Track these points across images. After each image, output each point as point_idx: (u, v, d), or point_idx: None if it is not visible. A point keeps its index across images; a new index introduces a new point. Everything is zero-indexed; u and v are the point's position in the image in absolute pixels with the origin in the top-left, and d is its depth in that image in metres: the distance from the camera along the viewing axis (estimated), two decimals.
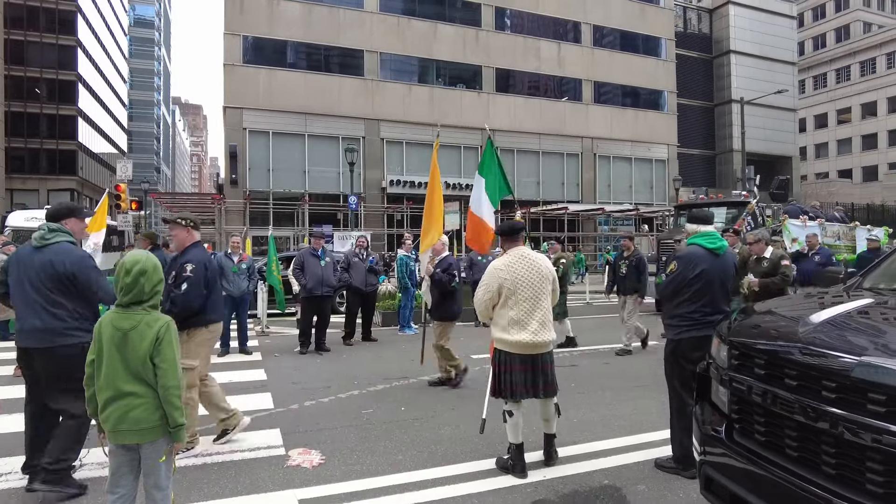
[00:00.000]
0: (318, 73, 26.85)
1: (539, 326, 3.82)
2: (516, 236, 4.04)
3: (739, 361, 2.55)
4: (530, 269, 3.88)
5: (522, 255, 3.94)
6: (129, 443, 2.54)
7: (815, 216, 13.86)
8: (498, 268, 3.91)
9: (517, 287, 3.83)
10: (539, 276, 3.89)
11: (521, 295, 3.82)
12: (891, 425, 1.90)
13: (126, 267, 2.53)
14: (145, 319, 2.54)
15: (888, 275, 3.19)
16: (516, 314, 3.81)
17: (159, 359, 2.50)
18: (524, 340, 3.79)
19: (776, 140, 40.94)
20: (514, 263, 3.89)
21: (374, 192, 27.19)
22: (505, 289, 3.84)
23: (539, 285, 3.87)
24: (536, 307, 3.84)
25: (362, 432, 4.74)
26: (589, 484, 3.69)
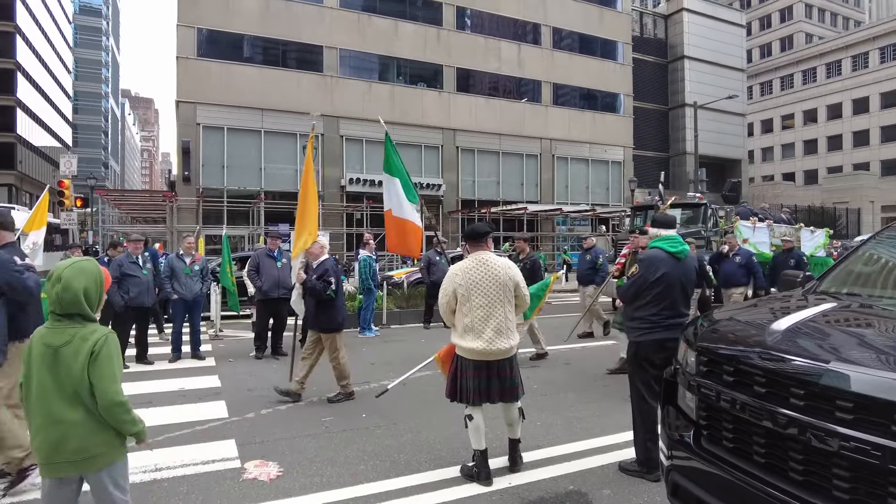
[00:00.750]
0: (275, 69, 26.23)
1: (494, 334, 3.71)
2: (480, 240, 3.91)
3: (708, 368, 2.54)
4: (486, 276, 3.76)
5: (482, 260, 3.82)
6: (66, 475, 2.23)
7: (763, 218, 14.37)
8: (455, 272, 3.85)
9: (471, 293, 3.74)
10: (495, 282, 3.75)
11: (474, 301, 3.73)
12: (857, 432, 1.90)
13: (57, 274, 2.22)
14: (80, 333, 2.22)
15: (843, 278, 3.26)
16: (470, 321, 3.73)
17: (96, 376, 2.18)
18: (478, 348, 3.71)
19: (726, 143, 42.38)
20: (471, 269, 3.79)
21: (332, 190, 26.76)
22: (459, 294, 3.77)
23: (494, 292, 3.75)
24: (491, 314, 3.72)
25: (322, 441, 4.58)
26: (555, 490, 3.65)
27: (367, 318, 9.99)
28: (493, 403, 3.85)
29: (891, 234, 3.52)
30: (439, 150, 29.36)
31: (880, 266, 3.32)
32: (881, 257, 3.38)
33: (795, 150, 59.99)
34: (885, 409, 1.85)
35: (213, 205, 24.73)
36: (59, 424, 2.18)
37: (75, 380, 2.19)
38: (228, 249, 10.29)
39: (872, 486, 1.89)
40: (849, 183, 50.09)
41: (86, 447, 2.20)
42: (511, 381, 3.85)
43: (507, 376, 3.83)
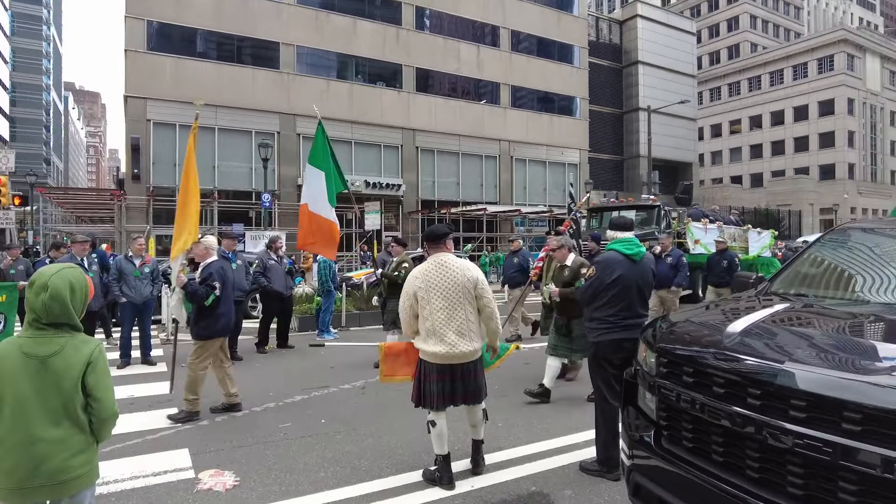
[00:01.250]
0: (230, 65, 25.55)
1: (457, 337, 3.67)
2: (439, 242, 3.87)
3: (668, 369, 2.58)
4: (445, 278, 3.72)
5: (440, 262, 3.78)
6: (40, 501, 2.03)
7: (714, 219, 14.88)
8: (415, 276, 3.82)
9: (431, 296, 3.70)
10: (454, 284, 3.71)
11: (435, 304, 3.69)
12: (810, 430, 1.97)
13: (43, 282, 2.05)
14: (71, 343, 2.06)
15: (791, 280, 3.39)
16: (431, 324, 3.69)
17: (99, 388, 2.06)
18: (441, 352, 3.67)
19: (678, 147, 43.74)
20: (430, 271, 3.75)
21: (289, 189, 26.24)
22: (420, 297, 3.73)
23: (454, 294, 3.70)
24: (452, 317, 3.68)
25: (280, 448, 4.47)
26: (517, 492, 3.66)
27: (327, 321, 9.82)
28: (456, 406, 3.84)
29: (832, 238, 3.68)
30: (399, 149, 29.21)
31: (824, 268, 3.47)
32: (825, 259, 3.53)
33: (742, 155, 62.47)
34: (835, 407, 1.92)
35: (165, 204, 23.87)
36: (38, 443, 1.98)
37: (66, 392, 2.03)
38: None
39: (824, 482, 1.96)
40: (790, 186, 52.53)
41: (67, 467, 2.02)
42: (475, 383, 3.83)
43: (471, 379, 3.81)
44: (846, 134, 54.97)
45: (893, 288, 2.95)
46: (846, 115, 54.91)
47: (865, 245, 3.46)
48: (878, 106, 58.67)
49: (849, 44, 55.53)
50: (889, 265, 3.16)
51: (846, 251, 3.49)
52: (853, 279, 3.23)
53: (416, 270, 3.85)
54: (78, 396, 2.03)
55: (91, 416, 2.08)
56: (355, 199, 26.10)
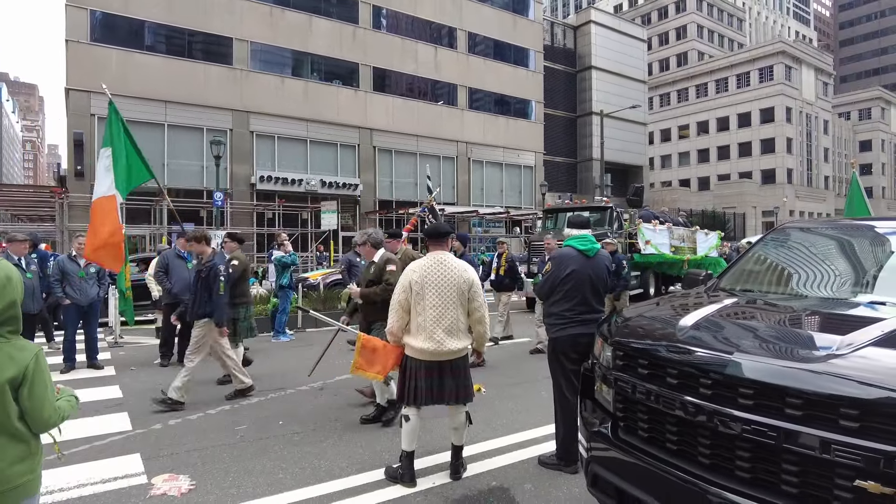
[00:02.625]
0: (181, 59, 24.76)
1: (445, 335, 3.70)
2: (441, 240, 3.90)
3: (624, 362, 2.67)
4: (442, 276, 3.75)
5: (440, 260, 3.80)
6: None
7: (664, 221, 15.38)
8: (412, 269, 3.81)
9: (425, 291, 3.72)
10: (451, 283, 3.74)
11: (428, 301, 3.71)
12: (756, 416, 2.08)
13: None
14: (4, 349, 1.87)
15: (738, 277, 3.56)
16: (423, 320, 3.71)
17: (29, 403, 1.88)
18: (429, 349, 3.69)
19: (630, 151, 45.01)
20: (428, 267, 3.77)
21: (242, 188, 25.67)
22: (413, 291, 3.73)
23: (449, 293, 3.73)
24: (444, 315, 3.71)
25: (237, 451, 4.37)
26: (477, 487, 3.70)
27: (283, 322, 9.65)
28: (448, 405, 3.82)
29: (775, 237, 3.88)
30: (356, 149, 28.97)
31: (768, 265, 3.65)
32: (768, 257, 3.72)
33: (690, 159, 64.82)
34: (778, 393, 2.04)
35: None
36: None
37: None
38: (127, 250, 9.51)
39: (769, 465, 2.07)
40: (735, 189, 54.87)
41: (6, 477, 1.88)
42: (464, 380, 3.85)
43: (460, 376, 3.83)
44: (785, 141, 57.80)
45: (829, 283, 3.15)
46: (785, 123, 57.74)
47: (803, 244, 3.66)
48: (813, 115, 61.96)
49: (786, 55, 58.41)
50: (824, 262, 3.36)
51: (786, 250, 3.68)
52: (793, 275, 3.42)
53: (415, 265, 3.84)
54: (11, 407, 1.86)
55: None
56: (311, 199, 26.02)
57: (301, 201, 26.41)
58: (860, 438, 1.86)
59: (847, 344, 2.16)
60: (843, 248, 3.44)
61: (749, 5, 77.76)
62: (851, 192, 7.79)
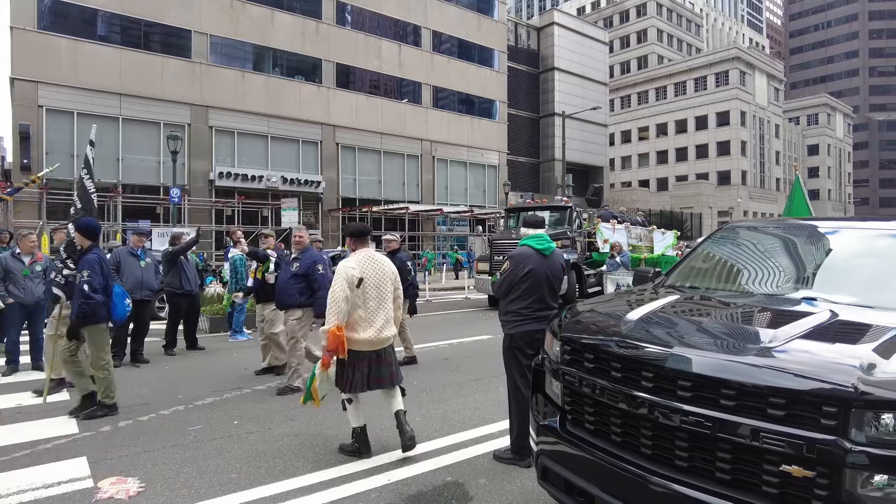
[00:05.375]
0: (136, 51, 23.95)
1: (384, 324, 4.10)
2: (366, 238, 4.28)
3: (571, 356, 2.74)
4: (378, 270, 4.14)
5: (370, 256, 4.18)
6: None
7: (622, 220, 15.73)
8: (351, 266, 4.07)
9: (366, 286, 4.05)
10: (385, 276, 4.17)
11: (369, 294, 4.06)
12: (694, 407, 2.17)
13: None
14: None
15: (685, 274, 3.69)
16: (364, 313, 4.04)
17: None
18: (370, 338, 4.03)
19: (591, 151, 45.79)
20: (365, 263, 4.10)
21: (200, 184, 25.03)
22: (353, 288, 4.01)
23: (385, 285, 4.17)
24: (381, 306, 4.12)
25: (190, 452, 4.29)
26: (433, 482, 3.73)
27: (241, 321, 9.48)
28: (388, 388, 4.19)
29: (723, 235, 4.03)
30: (318, 145, 28.62)
31: (714, 262, 3.79)
32: (715, 254, 3.87)
33: (650, 160, 66.41)
34: (715, 385, 2.13)
35: (60, 198, 22.07)
36: None
37: None
38: None
39: (705, 454, 2.17)
40: (692, 190, 56.50)
41: None
42: (394, 366, 4.27)
43: (394, 361, 4.26)
44: (740, 143, 59.83)
45: (769, 280, 3.30)
46: (739, 127, 59.76)
47: (748, 242, 3.81)
48: (766, 119, 64.32)
49: (741, 61, 60.45)
50: (766, 260, 3.52)
51: (731, 248, 3.83)
52: (736, 273, 3.57)
53: (353, 262, 4.10)
54: None
55: None
56: (271, 196, 25.60)
57: (261, 198, 25.95)
58: (786, 426, 1.97)
59: (778, 337, 2.28)
60: (785, 247, 3.60)
61: (706, 12, 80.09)
62: (792, 194, 8.14)
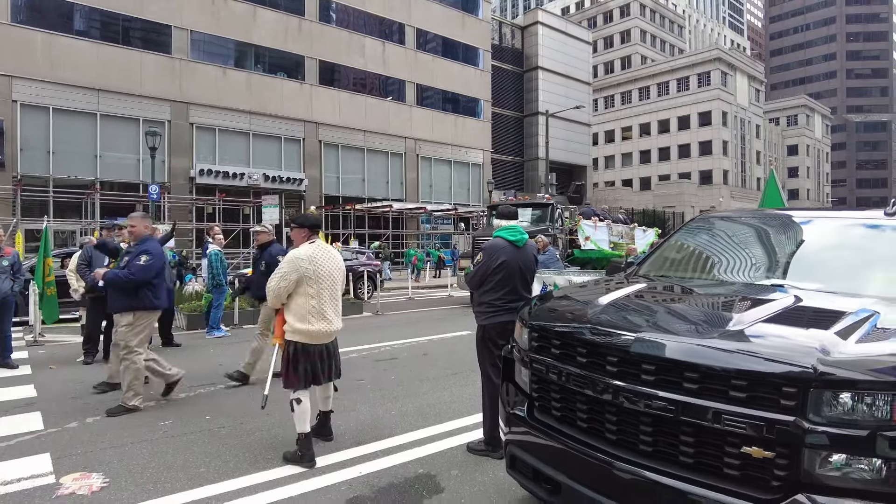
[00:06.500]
0: (115, 46, 23.55)
1: (334, 315, 4.07)
2: (318, 229, 4.24)
3: (538, 343, 2.73)
4: (331, 261, 4.07)
5: (322, 247, 4.13)
6: None
7: (604, 218, 15.82)
8: (301, 258, 3.96)
9: (320, 278, 3.97)
10: (337, 267, 4.12)
11: (323, 284, 3.99)
12: (657, 391, 2.16)
13: None
14: None
15: (657, 264, 3.70)
16: (318, 304, 3.96)
17: None
18: (323, 329, 3.97)
19: (574, 151, 46.01)
20: (317, 255, 4.02)
21: (180, 182, 24.70)
22: (307, 279, 3.93)
23: (338, 276, 4.12)
24: (333, 297, 4.07)
25: (158, 447, 4.21)
26: (404, 475, 3.70)
27: (218, 318, 9.35)
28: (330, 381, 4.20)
29: (697, 225, 4.04)
30: (301, 143, 28.39)
31: (686, 252, 3.81)
32: (687, 244, 3.88)
33: (633, 159, 66.88)
34: (678, 368, 2.13)
35: (36, 195, 21.68)
36: None
37: None
38: (48, 245, 8.98)
39: (669, 437, 2.16)
40: (675, 190, 57.00)
41: None
42: (338, 357, 4.28)
43: (337, 354, 4.24)
44: (721, 143, 60.46)
45: (738, 268, 3.31)
46: (721, 127, 60.40)
47: (720, 231, 3.82)
48: (747, 119, 65.10)
49: (722, 62, 61.10)
50: (735, 249, 3.53)
51: (702, 238, 3.85)
52: (708, 261, 3.58)
53: (301, 253, 3.98)
54: None
55: None
56: (253, 194, 25.35)
57: (243, 196, 25.67)
58: (747, 408, 1.97)
59: (741, 321, 2.28)
60: (755, 236, 3.62)
61: (689, 13, 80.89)
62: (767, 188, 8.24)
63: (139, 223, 5.39)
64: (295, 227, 4.18)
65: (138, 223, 5.39)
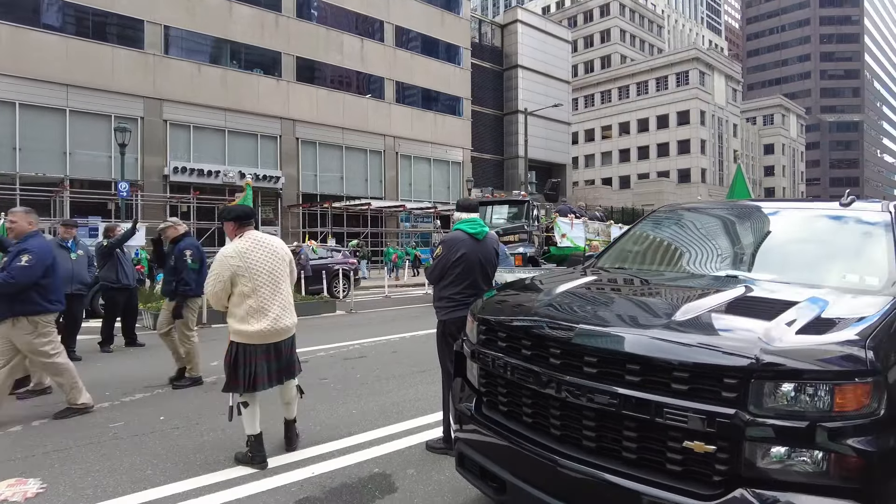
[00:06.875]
0: (85, 41, 23.01)
1: (280, 311, 3.75)
2: (249, 221, 3.88)
3: (486, 336, 2.64)
4: (267, 254, 3.76)
5: (256, 239, 3.79)
6: None
7: (580, 215, 15.83)
8: (229, 255, 3.67)
9: (254, 274, 3.66)
10: (277, 258, 3.80)
11: (259, 281, 3.67)
12: (600, 384, 2.08)
13: None
14: None
15: (614, 256, 3.64)
16: (256, 302, 3.66)
17: None
18: (265, 329, 3.67)
19: (554, 149, 46.19)
20: (249, 249, 3.71)
21: (154, 180, 24.24)
22: (239, 277, 3.64)
23: (279, 269, 3.80)
24: (277, 292, 3.76)
25: (105, 449, 4.05)
26: (358, 475, 3.59)
27: None
28: (280, 384, 3.86)
29: (656, 217, 3.98)
30: (277, 140, 28.05)
31: (644, 244, 3.75)
32: (646, 236, 3.83)
33: (612, 158, 67.43)
34: (618, 360, 2.05)
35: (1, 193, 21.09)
36: None
37: None
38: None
39: (613, 433, 2.08)
40: (653, 188, 57.52)
41: None
42: (293, 357, 3.95)
43: (293, 352, 3.92)
44: (699, 142, 61.22)
45: (693, 259, 3.26)
46: (699, 126, 61.15)
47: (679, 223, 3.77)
48: (724, 118, 66.00)
49: (701, 62, 61.85)
50: (696, 240, 3.49)
51: (664, 229, 3.79)
52: (666, 252, 3.53)
53: (230, 250, 3.71)
54: None
55: None
56: (228, 192, 24.97)
57: (218, 194, 25.26)
58: (689, 400, 1.90)
59: (687, 312, 2.21)
60: (714, 227, 3.58)
61: (668, 13, 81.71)
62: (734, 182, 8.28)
63: (21, 219, 4.81)
64: (224, 222, 3.89)
65: (20, 219, 4.81)
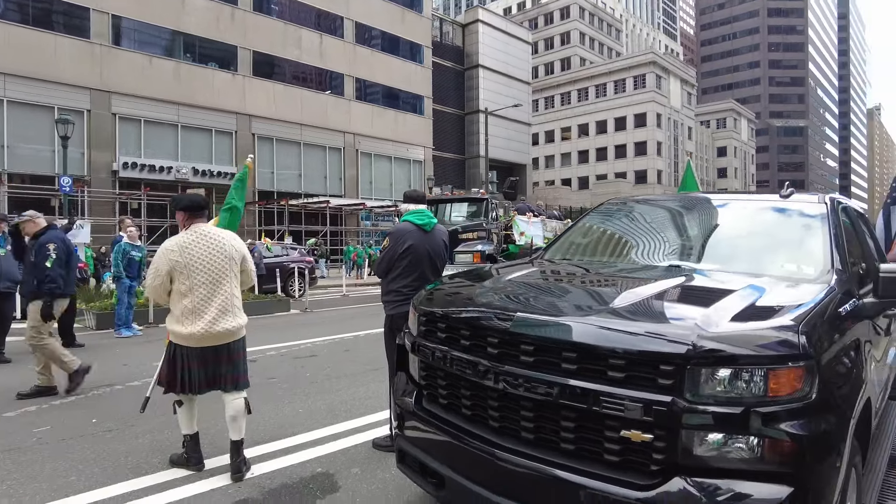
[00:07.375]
0: (24, 27, 21.89)
1: (218, 314, 3.39)
2: (200, 212, 3.58)
3: (426, 328, 2.55)
4: (211, 250, 3.44)
5: (203, 233, 3.47)
6: None
7: (538, 214, 15.94)
8: (169, 248, 3.40)
9: (192, 271, 3.37)
10: (222, 256, 3.46)
11: (196, 279, 3.37)
12: (536, 373, 2.02)
13: None
14: None
15: (561, 248, 3.61)
16: (191, 302, 3.36)
17: None
18: (198, 332, 3.35)
19: (515, 149, 46.55)
20: (191, 244, 3.41)
21: (101, 175, 23.28)
22: (177, 274, 3.37)
23: (221, 267, 3.45)
24: (216, 293, 3.41)
25: (27, 455, 3.79)
26: (300, 475, 3.45)
27: (123, 315, 8.69)
28: (223, 391, 3.51)
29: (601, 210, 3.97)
30: (233, 136, 27.34)
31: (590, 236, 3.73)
32: (593, 229, 3.81)
33: (572, 159, 68.44)
34: (555, 348, 1.99)
35: None
36: None
37: None
38: None
39: (550, 423, 2.02)
40: (611, 189, 58.63)
41: None
42: (243, 365, 3.60)
43: (240, 360, 3.57)
44: (656, 144, 62.74)
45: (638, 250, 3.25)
46: (655, 128, 62.67)
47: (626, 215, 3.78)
48: (679, 121, 67.86)
49: (657, 66, 63.39)
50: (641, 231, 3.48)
51: (609, 221, 3.79)
52: (610, 243, 3.52)
53: (172, 244, 3.43)
54: None
55: None
56: (181, 188, 24.19)
57: (171, 190, 24.39)
58: (625, 388, 1.85)
59: (625, 300, 2.17)
60: (659, 219, 3.59)
61: (626, 17, 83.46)
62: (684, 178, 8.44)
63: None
64: (176, 212, 3.60)
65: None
